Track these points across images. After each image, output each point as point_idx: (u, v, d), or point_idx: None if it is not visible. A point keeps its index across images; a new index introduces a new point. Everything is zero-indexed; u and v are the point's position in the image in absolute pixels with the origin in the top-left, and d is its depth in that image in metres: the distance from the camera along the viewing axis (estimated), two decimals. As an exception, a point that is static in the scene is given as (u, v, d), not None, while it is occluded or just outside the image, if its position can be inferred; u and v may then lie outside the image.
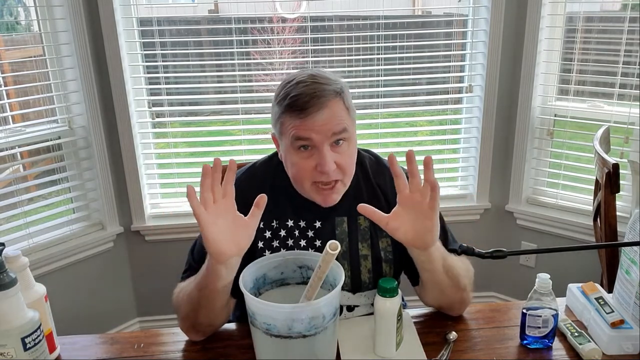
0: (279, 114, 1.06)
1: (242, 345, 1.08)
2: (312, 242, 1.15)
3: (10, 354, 0.89)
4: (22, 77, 2.05)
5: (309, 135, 1.02)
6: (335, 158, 1.05)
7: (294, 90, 1.03)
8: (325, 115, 1.02)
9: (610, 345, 1.02)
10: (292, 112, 1.03)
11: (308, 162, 1.05)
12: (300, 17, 2.18)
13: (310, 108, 1.01)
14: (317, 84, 1.04)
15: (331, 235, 1.15)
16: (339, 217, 1.15)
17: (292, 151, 1.06)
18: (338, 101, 1.05)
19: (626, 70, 2.05)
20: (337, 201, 1.11)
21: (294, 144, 1.05)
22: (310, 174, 1.06)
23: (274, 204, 1.12)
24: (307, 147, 1.05)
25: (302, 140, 1.04)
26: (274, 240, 1.15)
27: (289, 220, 1.16)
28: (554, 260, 2.24)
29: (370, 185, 1.19)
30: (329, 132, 1.03)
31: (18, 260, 0.98)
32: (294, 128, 1.03)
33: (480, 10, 2.20)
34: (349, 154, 1.08)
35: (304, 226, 1.16)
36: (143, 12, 2.17)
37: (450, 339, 1.08)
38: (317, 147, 1.03)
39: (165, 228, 2.27)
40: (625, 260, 1.08)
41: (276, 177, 1.17)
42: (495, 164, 2.35)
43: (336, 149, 1.05)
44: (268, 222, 1.15)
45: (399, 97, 2.34)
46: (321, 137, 1.03)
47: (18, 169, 2.10)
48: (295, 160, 1.06)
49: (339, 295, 0.94)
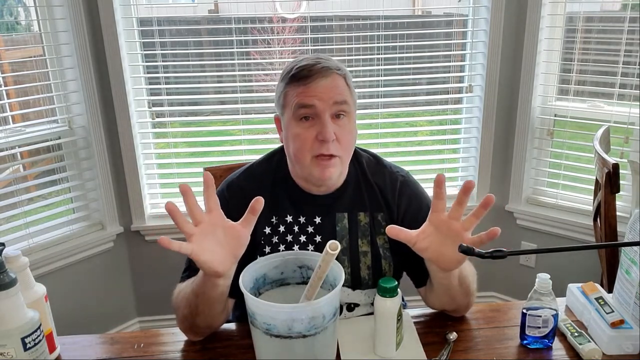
0: (283, 87, 1.10)
1: (242, 345, 1.08)
2: (312, 237, 1.15)
3: (10, 354, 0.89)
4: (22, 77, 2.05)
5: (311, 101, 1.05)
6: (335, 130, 1.07)
7: (299, 63, 1.08)
8: (328, 84, 1.06)
9: (610, 345, 1.02)
10: (297, 81, 1.07)
11: (309, 132, 1.07)
12: (300, 17, 2.18)
13: (314, 75, 1.06)
14: (321, 59, 1.09)
15: (332, 231, 1.15)
16: (340, 213, 1.16)
17: (294, 123, 1.08)
18: (340, 77, 1.09)
19: (626, 70, 2.05)
20: (336, 176, 1.11)
21: (296, 113, 1.07)
22: (311, 145, 1.07)
23: (273, 200, 1.14)
24: (309, 118, 1.07)
25: (304, 108, 1.06)
26: (274, 236, 1.15)
27: (287, 216, 1.16)
28: (554, 260, 2.25)
29: (368, 182, 1.19)
30: (330, 100, 1.06)
31: (18, 260, 0.98)
32: (297, 96, 1.06)
33: (480, 10, 2.20)
34: (348, 130, 1.10)
35: (304, 222, 1.16)
36: (143, 12, 2.17)
37: (450, 339, 1.08)
38: (319, 115, 1.06)
39: (165, 228, 2.27)
40: (625, 260, 1.08)
41: (276, 173, 1.18)
42: (495, 164, 2.35)
43: (337, 121, 1.08)
44: (267, 219, 1.15)
45: (399, 97, 2.34)
46: (323, 105, 1.05)
47: (18, 169, 2.10)
48: (297, 131, 1.08)
49: (339, 295, 0.94)
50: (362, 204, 1.17)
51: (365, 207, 1.17)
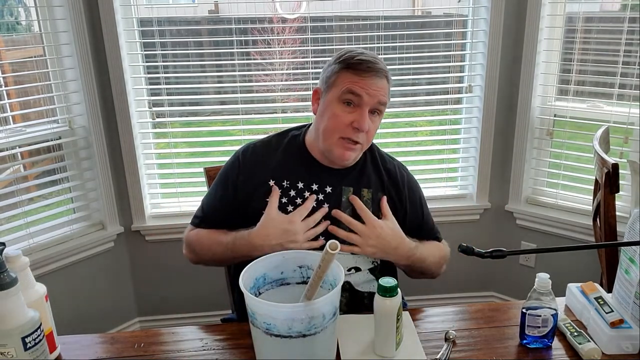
0: (338, 69, 1.20)
1: (242, 345, 1.08)
2: (320, 205, 1.25)
3: (11, 354, 0.89)
4: (22, 77, 2.05)
5: (361, 93, 1.17)
6: (369, 123, 1.19)
7: (359, 55, 1.19)
8: (380, 84, 1.19)
9: (609, 344, 1.02)
10: (355, 70, 1.18)
11: (347, 117, 1.18)
12: (300, 18, 2.18)
13: (371, 72, 1.18)
14: (378, 60, 1.21)
15: (338, 201, 1.25)
16: (346, 187, 1.27)
17: (336, 103, 1.19)
18: (386, 82, 1.22)
19: (626, 70, 2.05)
20: (352, 160, 1.24)
21: (342, 96, 1.18)
22: (344, 127, 1.19)
23: (286, 166, 1.27)
24: (351, 104, 1.19)
25: (352, 95, 1.18)
26: (283, 197, 1.24)
27: (299, 182, 1.26)
28: (553, 260, 2.25)
29: (377, 166, 1.32)
30: (375, 99, 1.18)
31: (18, 260, 0.98)
32: (350, 83, 1.17)
33: (480, 10, 2.20)
34: (375, 127, 1.24)
35: (316, 189, 1.26)
36: (143, 12, 2.17)
37: (450, 339, 1.08)
38: (361, 107, 1.18)
39: (165, 228, 2.27)
40: (624, 259, 1.08)
41: (291, 143, 1.31)
42: (495, 164, 2.35)
43: (371, 117, 1.21)
44: (279, 182, 1.25)
45: (399, 97, 2.34)
46: (369, 99, 1.18)
47: (18, 169, 2.10)
48: (336, 111, 1.19)
49: (339, 295, 0.95)
50: (368, 181, 1.29)
51: (370, 185, 1.29)
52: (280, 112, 2.32)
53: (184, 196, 2.35)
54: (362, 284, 1.26)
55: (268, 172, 1.26)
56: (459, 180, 2.46)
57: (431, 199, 1.42)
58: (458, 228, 2.38)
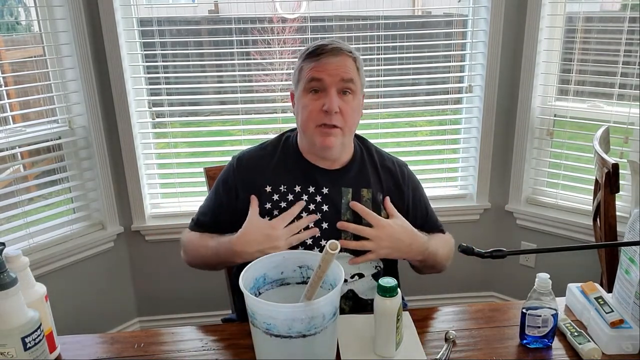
0: (299, 63, 1.22)
1: (242, 345, 1.08)
2: (319, 206, 1.23)
3: (11, 354, 0.89)
4: (22, 77, 2.05)
5: (321, 76, 1.17)
6: (340, 104, 1.18)
7: (316, 43, 1.22)
8: (337, 62, 1.18)
9: (609, 344, 1.02)
10: (311, 57, 1.19)
11: (316, 104, 1.18)
12: (300, 17, 2.18)
13: (326, 52, 1.18)
14: (335, 41, 1.22)
15: (338, 202, 1.24)
16: (345, 188, 1.25)
17: (304, 95, 1.20)
18: (350, 60, 1.20)
19: (626, 70, 2.05)
20: (335, 145, 1.20)
21: (307, 86, 1.19)
22: (317, 115, 1.18)
23: (282, 170, 1.26)
24: (318, 91, 1.19)
25: (314, 82, 1.18)
26: (282, 202, 1.23)
27: (296, 185, 1.25)
28: (553, 260, 2.25)
29: (375, 165, 1.31)
30: (337, 77, 1.17)
31: (18, 260, 0.98)
32: (309, 71, 1.19)
33: (480, 10, 2.20)
34: (352, 107, 1.21)
35: (313, 191, 1.24)
36: (143, 12, 2.17)
37: (450, 339, 1.08)
38: (327, 89, 1.17)
39: (165, 228, 2.27)
40: (624, 260, 1.08)
41: (286, 147, 1.30)
42: (495, 163, 2.35)
43: (342, 97, 1.19)
44: (277, 187, 1.24)
45: (399, 97, 2.34)
46: (331, 79, 1.17)
47: (18, 169, 2.10)
48: (305, 102, 1.20)
49: (339, 295, 0.95)
50: (367, 181, 1.27)
51: (369, 184, 1.27)
52: (280, 112, 2.32)
53: (183, 196, 2.35)
54: (366, 291, 1.24)
55: (264, 178, 1.25)
56: (459, 180, 2.46)
57: (431, 199, 1.41)
58: (458, 228, 2.37)
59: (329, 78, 1.17)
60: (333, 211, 1.23)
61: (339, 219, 1.23)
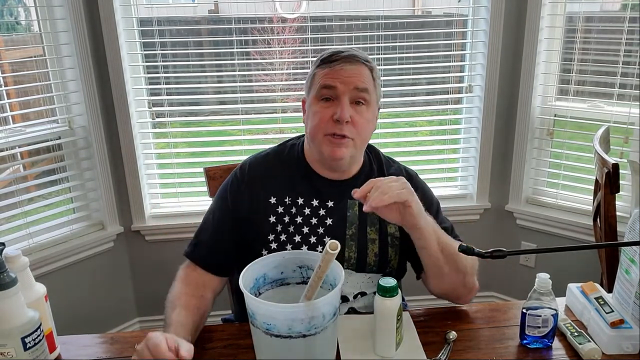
0: (313, 70, 1.18)
1: (242, 345, 1.08)
2: (323, 220, 1.19)
3: (11, 354, 0.89)
4: (22, 77, 2.05)
5: (334, 83, 1.12)
6: (352, 114, 1.12)
7: (332, 50, 1.17)
8: (352, 70, 1.13)
9: (609, 345, 1.02)
10: (325, 64, 1.14)
11: (327, 112, 1.13)
12: (300, 17, 2.18)
13: (340, 60, 1.13)
14: (352, 49, 1.17)
15: (343, 216, 1.19)
16: (351, 201, 1.18)
17: (316, 102, 1.15)
18: (366, 69, 1.15)
19: (626, 70, 2.05)
20: (345, 157, 1.14)
21: (319, 93, 1.14)
22: (326, 123, 1.12)
23: (287, 181, 1.20)
24: (329, 99, 1.13)
25: (327, 89, 1.13)
26: (286, 215, 1.19)
27: (299, 198, 1.20)
28: (554, 260, 2.25)
29: (383, 174, 1.24)
30: (351, 85, 1.12)
31: (18, 260, 0.98)
32: (322, 77, 1.14)
33: (480, 10, 2.20)
34: (366, 119, 1.15)
35: (317, 205, 1.19)
36: (143, 12, 2.17)
37: (450, 339, 1.08)
38: (339, 97, 1.12)
39: (165, 228, 2.27)
40: (624, 260, 1.08)
41: (291, 156, 1.24)
42: (495, 163, 2.35)
43: (355, 107, 1.13)
44: (281, 199, 1.19)
45: (399, 97, 2.34)
46: (344, 88, 1.12)
47: (18, 169, 2.10)
48: (316, 109, 1.14)
49: (339, 295, 0.95)
50: None
51: None
52: (280, 112, 2.32)
53: (183, 196, 2.35)
54: (367, 307, 1.21)
55: (268, 190, 1.19)
56: (459, 180, 2.46)
57: (431, 199, 1.40)
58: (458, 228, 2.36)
59: (342, 86, 1.12)
60: (337, 225, 1.19)
61: (343, 233, 1.18)
